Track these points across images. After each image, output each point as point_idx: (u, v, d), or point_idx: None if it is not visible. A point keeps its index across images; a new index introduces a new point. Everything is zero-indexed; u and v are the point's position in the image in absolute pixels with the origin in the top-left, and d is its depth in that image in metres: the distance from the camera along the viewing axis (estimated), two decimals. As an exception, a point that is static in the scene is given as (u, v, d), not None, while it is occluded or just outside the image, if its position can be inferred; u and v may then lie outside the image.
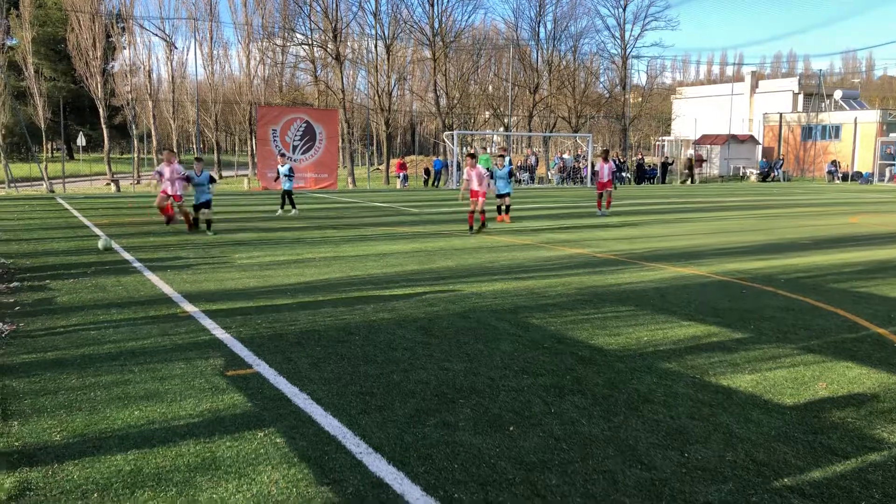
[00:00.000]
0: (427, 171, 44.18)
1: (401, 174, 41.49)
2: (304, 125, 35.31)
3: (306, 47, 50.17)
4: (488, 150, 38.96)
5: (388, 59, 48.25)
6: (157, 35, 54.45)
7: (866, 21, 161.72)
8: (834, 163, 51.32)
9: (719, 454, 4.24)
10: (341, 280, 9.96)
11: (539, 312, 7.94)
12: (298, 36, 50.33)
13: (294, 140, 34.95)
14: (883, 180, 47.23)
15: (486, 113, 59.45)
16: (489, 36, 60.68)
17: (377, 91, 47.86)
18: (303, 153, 35.13)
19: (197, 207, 15.86)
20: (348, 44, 50.09)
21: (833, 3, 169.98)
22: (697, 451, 4.29)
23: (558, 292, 9.14)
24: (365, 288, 9.36)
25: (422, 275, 10.40)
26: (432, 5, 49.37)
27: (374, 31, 48.21)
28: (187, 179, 15.85)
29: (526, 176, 42.39)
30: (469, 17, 54.92)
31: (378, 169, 54.18)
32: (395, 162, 46.74)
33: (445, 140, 45.26)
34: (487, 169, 17.33)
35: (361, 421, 4.74)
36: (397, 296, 8.82)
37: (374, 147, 65.98)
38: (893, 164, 47.68)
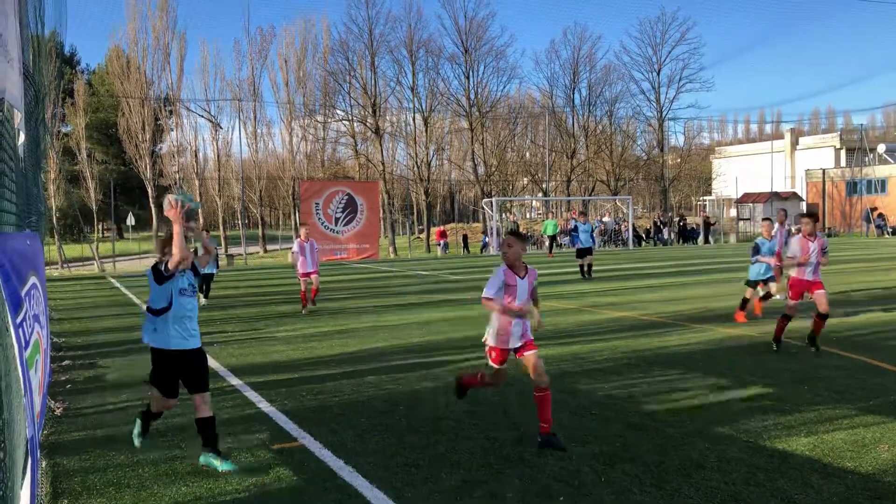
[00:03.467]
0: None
1: (441, 242, 41.78)
2: (346, 197, 35.97)
3: (346, 123, 51.53)
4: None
5: (426, 130, 49.26)
6: (202, 116, 56.38)
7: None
8: (880, 215, 50.25)
9: (779, 522, 4.08)
10: (384, 349, 9.96)
11: (586, 378, 7.83)
12: (339, 112, 51.83)
13: (336, 212, 35.57)
14: (935, 233, 46.04)
15: (525, 179, 59.91)
16: (524, 104, 61.59)
17: (416, 162, 48.74)
18: (345, 224, 35.68)
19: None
20: (387, 117, 51.38)
21: (870, 57, 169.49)
22: (756, 519, 4.13)
23: (605, 357, 9.01)
24: (408, 357, 9.34)
25: (466, 342, 10.35)
26: (468, 77, 50.52)
27: (411, 105, 49.40)
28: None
29: (566, 240, 42.33)
30: (504, 86, 56.08)
31: (419, 237, 54.67)
32: (435, 230, 47.16)
33: (484, 207, 45.61)
34: (571, 228, 19.34)
35: (407, 493, 4.68)
36: (441, 362, 8.78)
37: (415, 216, 66.73)
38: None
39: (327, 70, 52.09)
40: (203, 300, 15.70)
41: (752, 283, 12.43)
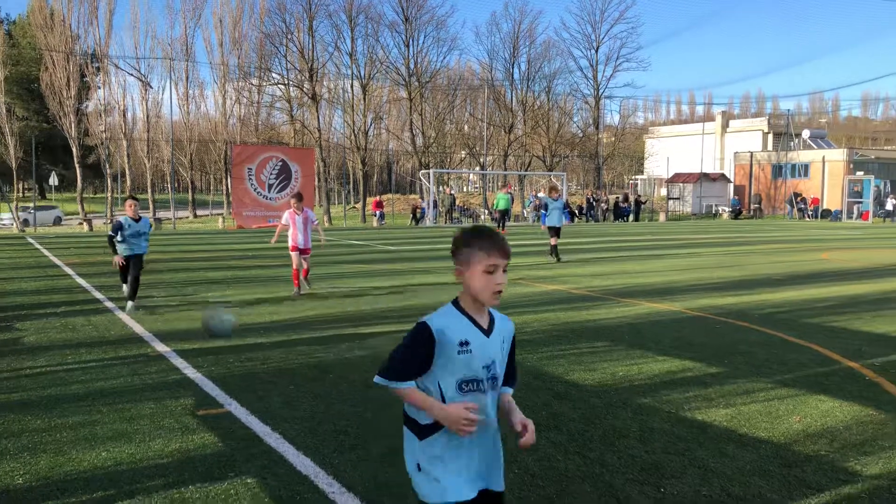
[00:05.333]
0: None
1: (377, 212, 41.57)
2: (280, 164, 35.37)
3: (282, 87, 50.49)
4: (507, 189, 39.07)
5: (364, 98, 48.68)
6: (132, 75, 54.43)
7: (831, 63, 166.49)
8: (802, 199, 52.21)
9: (695, 489, 4.22)
10: (316, 318, 9.88)
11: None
12: (274, 76, 50.75)
13: (269, 178, 34.96)
14: (851, 217, 48.11)
15: (462, 152, 59.98)
16: (464, 76, 61.53)
17: (353, 130, 48.18)
18: (279, 191, 35.12)
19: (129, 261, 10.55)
20: (324, 83, 50.55)
21: (799, 45, 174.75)
22: (673, 485, 4.27)
23: (534, 328, 9.13)
24: (340, 326, 9.29)
25: (398, 312, 10.36)
26: (408, 46, 50.06)
27: (350, 72, 48.68)
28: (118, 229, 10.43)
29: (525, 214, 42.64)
30: (444, 57, 55.79)
31: (355, 207, 54.26)
32: (371, 200, 46.86)
33: (422, 178, 45.51)
34: (540, 201, 18.01)
35: (334, 460, 4.66)
36: (373, 333, 8.76)
37: (351, 186, 66.11)
38: (860, 202, 48.63)
39: (263, 32, 50.93)
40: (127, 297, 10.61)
41: None
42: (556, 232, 18.02)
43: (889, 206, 47.64)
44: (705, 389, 6.30)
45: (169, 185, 52.87)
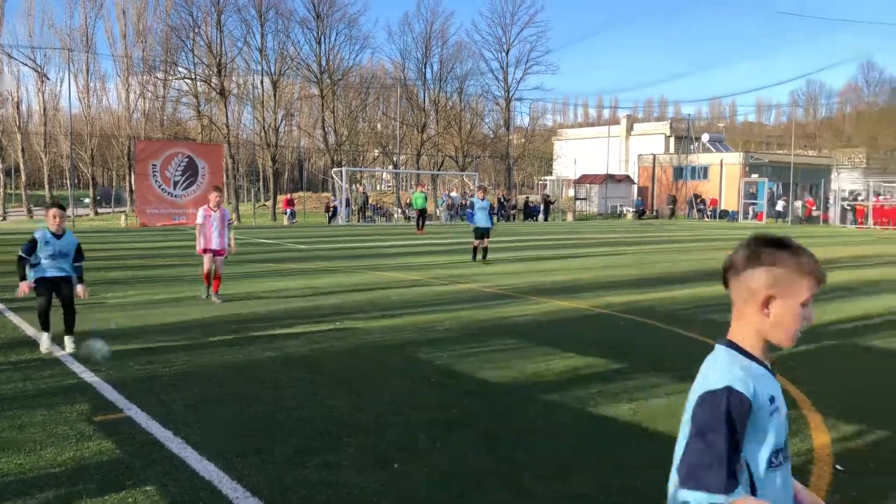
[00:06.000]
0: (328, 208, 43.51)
1: (288, 210, 40.89)
2: (186, 160, 34.32)
3: (189, 81, 49.00)
4: (425, 188, 38.62)
5: (275, 95, 47.78)
6: (26, 65, 51.70)
7: (729, 71, 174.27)
8: (701, 200, 54.41)
9: (600, 483, 4.32)
10: (224, 319, 9.62)
11: (427, 347, 7.93)
12: (181, 70, 49.17)
13: (175, 175, 33.88)
14: (747, 218, 50.43)
15: (375, 151, 59.71)
16: (377, 75, 61.24)
17: (263, 126, 47.21)
18: (184, 188, 34.08)
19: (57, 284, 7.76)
20: (233, 79, 49.34)
21: (699, 53, 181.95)
22: (579, 480, 4.36)
23: (446, 327, 9.17)
24: (249, 327, 9.08)
25: (309, 312, 10.20)
26: (319, 43, 49.43)
27: (260, 68, 47.70)
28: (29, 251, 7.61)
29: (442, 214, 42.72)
30: (356, 55, 55.12)
31: (265, 205, 53.22)
32: (282, 198, 46.05)
33: (334, 176, 45.04)
34: (464, 202, 17.44)
35: (239, 464, 4.55)
36: (282, 335, 8.60)
37: (261, 183, 64.82)
38: (755, 203, 51.03)
39: (169, 25, 49.24)
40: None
41: None
42: (482, 233, 17.26)
43: (780, 207, 50.17)
44: (610, 385, 6.47)
45: (68, 182, 50.52)
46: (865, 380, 6.95)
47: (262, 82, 47.74)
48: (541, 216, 48.61)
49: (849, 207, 45.61)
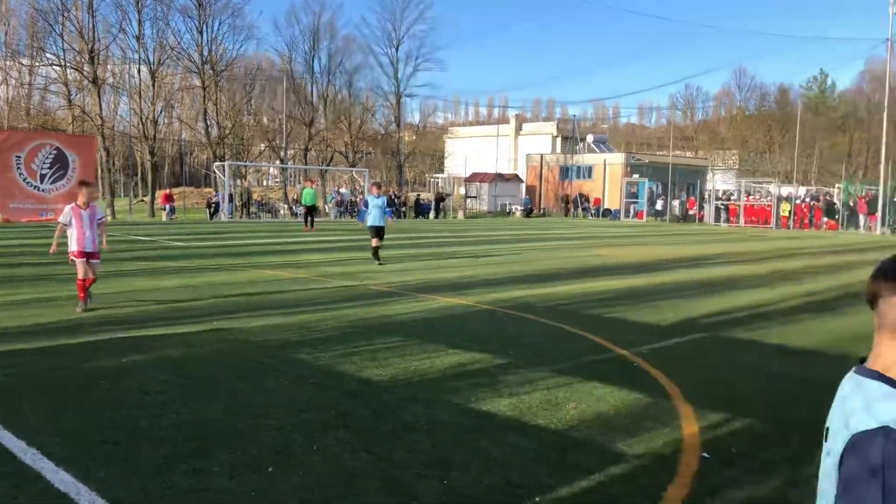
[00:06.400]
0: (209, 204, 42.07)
1: (167, 206, 39.29)
2: (55, 152, 32.29)
3: (58, 68, 46.16)
4: (315, 184, 37.32)
5: (154, 85, 45.74)
6: None
7: (613, 74, 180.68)
8: (586, 199, 56.18)
9: (478, 479, 4.30)
10: (90, 321, 9.07)
11: (308, 347, 7.74)
12: (49, 56, 46.23)
13: (42, 168, 31.82)
14: (628, 216, 52.47)
15: (262, 145, 58.25)
16: (262, 67, 59.71)
17: (141, 118, 45.10)
18: (52, 182, 32.08)
19: None
20: (108, 67, 46.93)
21: (584, 55, 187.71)
22: (458, 477, 4.33)
23: (330, 326, 8.99)
24: (117, 328, 8.58)
25: (184, 312, 9.77)
26: (201, 33, 47.72)
27: (137, 56, 45.56)
28: None
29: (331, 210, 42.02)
30: (241, 46, 53.45)
31: (142, 200, 50.93)
32: (160, 193, 44.21)
33: (216, 171, 43.62)
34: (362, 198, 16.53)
35: (100, 473, 4.26)
36: (153, 336, 8.18)
37: (139, 177, 62.03)
38: (636, 202, 53.16)
39: (35, 7, 46.16)
40: None
41: None
42: (377, 232, 16.33)
43: (659, 206, 52.47)
44: (492, 380, 6.50)
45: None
46: (732, 370, 7.29)
47: (139, 71, 45.62)
48: (432, 213, 48.82)
49: (722, 207, 48.20)
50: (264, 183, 78.99)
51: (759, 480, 4.39)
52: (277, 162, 55.00)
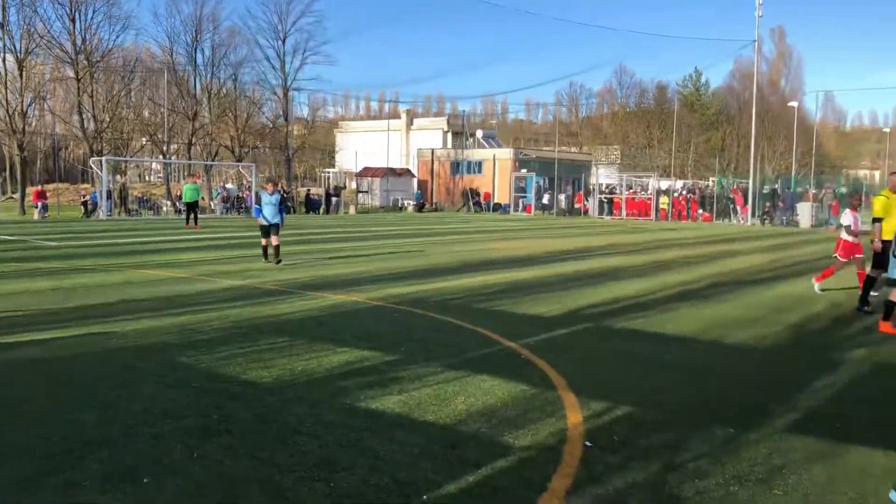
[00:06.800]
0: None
1: (39, 204, 37.03)
2: (-90, 146, 29.81)
3: None
4: (200, 179, 35.44)
5: (21, 75, 42.95)
6: None
7: (501, 70, 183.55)
8: (476, 193, 56.87)
9: (365, 479, 4.24)
10: (-52, 327, 8.40)
11: (190, 350, 7.44)
12: None
13: None
14: (518, 210, 53.49)
15: (143, 139, 55.78)
16: (142, 58, 57.12)
17: (8, 111, 42.25)
18: None
19: None
20: (-30, 55, 43.69)
21: (473, 52, 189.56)
22: (344, 478, 4.25)
23: (213, 327, 8.68)
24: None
25: (56, 316, 9.21)
26: (73, 21, 45.16)
27: (1, 44, 42.61)
28: None
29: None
30: (118, 36, 50.85)
31: (12, 197, 47.77)
32: (31, 190, 41.59)
33: (93, 167, 41.44)
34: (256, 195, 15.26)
35: (-46, 496, 3.94)
36: (20, 342, 7.66)
37: (8, 173, 58.17)
38: (524, 196, 54.28)
39: None
40: None
41: None
42: (268, 230, 15.52)
43: (546, 201, 53.76)
44: (381, 377, 6.45)
45: None
46: (614, 359, 7.53)
47: (3, 61, 42.69)
48: (324, 208, 48.14)
49: (605, 200, 49.89)
50: (147, 179, 75.81)
51: (640, 466, 4.54)
52: (160, 157, 52.80)
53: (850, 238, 11.74)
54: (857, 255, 11.81)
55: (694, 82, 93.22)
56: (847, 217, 11.99)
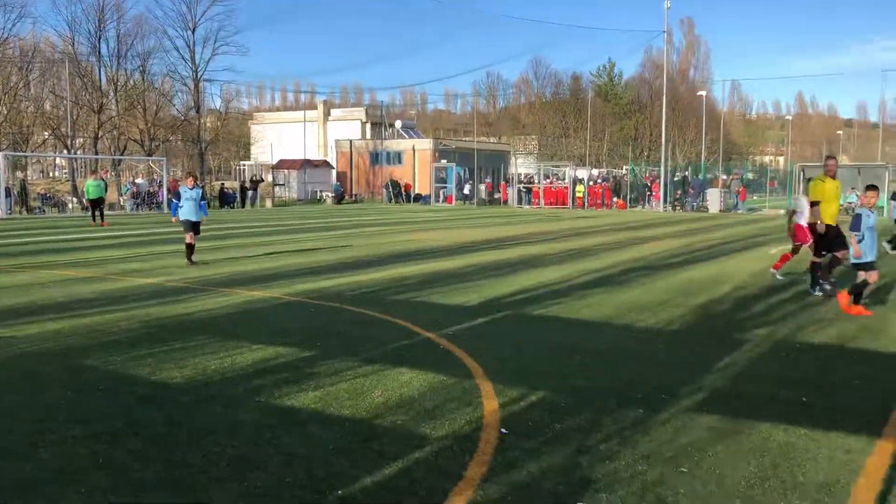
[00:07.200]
0: None
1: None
2: None
3: None
4: (98, 175, 33.49)
5: None
6: None
7: (418, 61, 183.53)
8: (395, 184, 56.71)
9: (279, 477, 4.18)
10: None
11: (97, 352, 7.17)
12: None
13: None
14: (438, 201, 53.63)
15: (45, 133, 53.29)
16: (41, 48, 54.51)
17: None
18: None
19: None
20: None
21: (390, 41, 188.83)
22: (258, 477, 4.18)
23: (122, 328, 8.38)
24: None
25: (-51, 321, 8.71)
26: (-34, 9, 42.71)
27: None
28: None
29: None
30: (14, 25, 48.36)
31: None
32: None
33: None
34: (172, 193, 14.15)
35: None
36: None
37: None
38: (445, 187, 54.46)
39: None
40: None
41: None
42: (190, 227, 14.68)
43: (466, 191, 54.09)
44: (297, 374, 6.36)
45: None
46: (530, 345, 7.65)
47: None
48: (240, 202, 47.08)
49: (524, 190, 50.54)
50: (51, 175, 72.51)
51: (554, 450, 4.62)
52: (63, 151, 50.56)
53: (805, 223, 11.38)
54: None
55: (608, 73, 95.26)
56: (801, 202, 11.79)
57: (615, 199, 46.68)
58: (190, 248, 14.70)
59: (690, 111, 79.16)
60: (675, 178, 47.29)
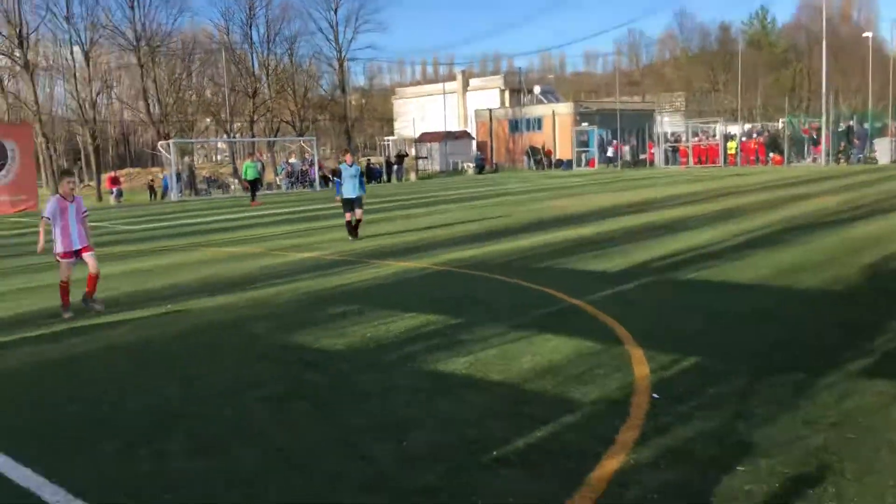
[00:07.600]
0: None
1: (114, 189, 38.44)
2: (-9, 142, 31.27)
3: (-13, 55, 44.45)
4: (255, 157, 36.18)
5: (89, 66, 44.37)
6: None
7: (556, 22, 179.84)
8: (535, 150, 56.22)
9: (433, 438, 4.39)
10: (37, 313, 8.90)
11: (265, 322, 7.74)
12: (-25, 42, 44.45)
13: (-22, 160, 30.81)
14: (580, 165, 52.79)
15: (207, 120, 57.09)
16: (200, 40, 58.23)
17: (79, 101, 43.81)
18: (-8, 173, 31.11)
19: None
20: (40, 50, 45.33)
21: (528, 4, 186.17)
22: (414, 438, 4.41)
23: (285, 299, 8.98)
24: (64, 319, 8.44)
25: (136, 297, 9.66)
26: (133, 8, 46.26)
27: (68, 37, 44.04)
28: None
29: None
30: (175, 19, 52.28)
31: (89, 185, 49.73)
32: (106, 176, 43.18)
33: (161, 150, 42.70)
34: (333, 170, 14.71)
35: (61, 467, 4.24)
36: (104, 324, 8.08)
37: (83, 161, 60.43)
38: (587, 150, 53.48)
39: (-44, -8, 44.20)
40: None
41: None
42: (351, 204, 14.71)
43: (610, 154, 52.88)
44: (447, 340, 6.58)
45: None
46: (680, 310, 7.49)
47: (72, 53, 44.16)
48: (386, 177, 48.47)
49: (671, 149, 48.75)
50: (214, 159, 77.59)
51: (708, 416, 4.55)
52: (224, 136, 53.98)
53: None
54: None
55: (760, 20, 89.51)
56: None
57: (771, 155, 44.07)
58: (349, 226, 14.86)
59: (855, 55, 72.94)
60: (840, 129, 43.94)
